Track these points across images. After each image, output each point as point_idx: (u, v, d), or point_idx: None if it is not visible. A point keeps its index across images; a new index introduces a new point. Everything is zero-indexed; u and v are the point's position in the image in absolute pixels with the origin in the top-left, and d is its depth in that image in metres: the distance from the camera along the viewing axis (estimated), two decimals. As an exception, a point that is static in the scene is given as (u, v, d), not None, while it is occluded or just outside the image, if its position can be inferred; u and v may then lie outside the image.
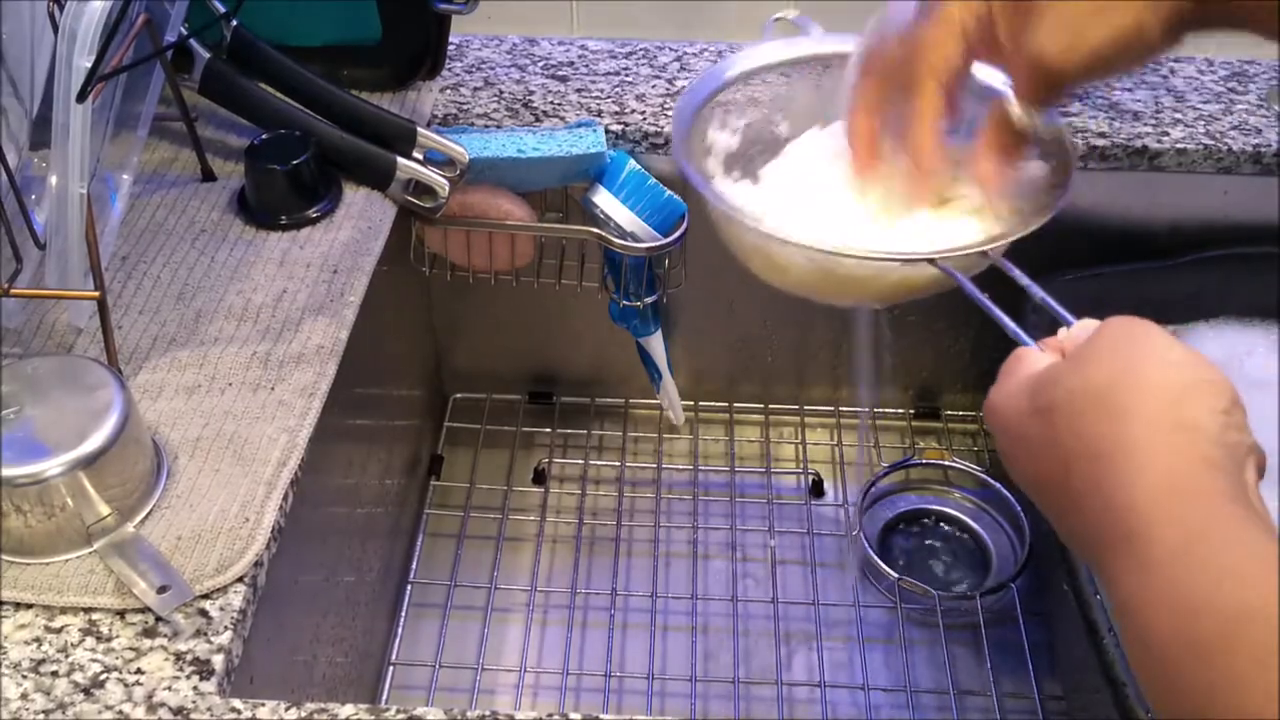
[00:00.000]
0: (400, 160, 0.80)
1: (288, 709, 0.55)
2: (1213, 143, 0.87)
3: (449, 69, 0.94)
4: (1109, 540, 0.42)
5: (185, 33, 0.75)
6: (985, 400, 0.50)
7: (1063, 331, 0.51)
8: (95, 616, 0.57)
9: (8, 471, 0.56)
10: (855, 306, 0.70)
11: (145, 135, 0.76)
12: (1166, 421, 0.42)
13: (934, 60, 0.58)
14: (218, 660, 0.55)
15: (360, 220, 0.79)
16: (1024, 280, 0.57)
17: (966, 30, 0.57)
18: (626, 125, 0.89)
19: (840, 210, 0.63)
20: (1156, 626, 0.39)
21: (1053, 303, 0.55)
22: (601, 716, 0.56)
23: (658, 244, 0.83)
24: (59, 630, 0.57)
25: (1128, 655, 0.42)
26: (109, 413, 0.58)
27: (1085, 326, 0.50)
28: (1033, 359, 0.49)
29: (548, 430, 1.04)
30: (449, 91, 0.92)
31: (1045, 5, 0.55)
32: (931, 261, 0.59)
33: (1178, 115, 0.90)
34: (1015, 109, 0.57)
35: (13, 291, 0.63)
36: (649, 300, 0.89)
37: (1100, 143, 0.87)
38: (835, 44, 0.70)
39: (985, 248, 0.59)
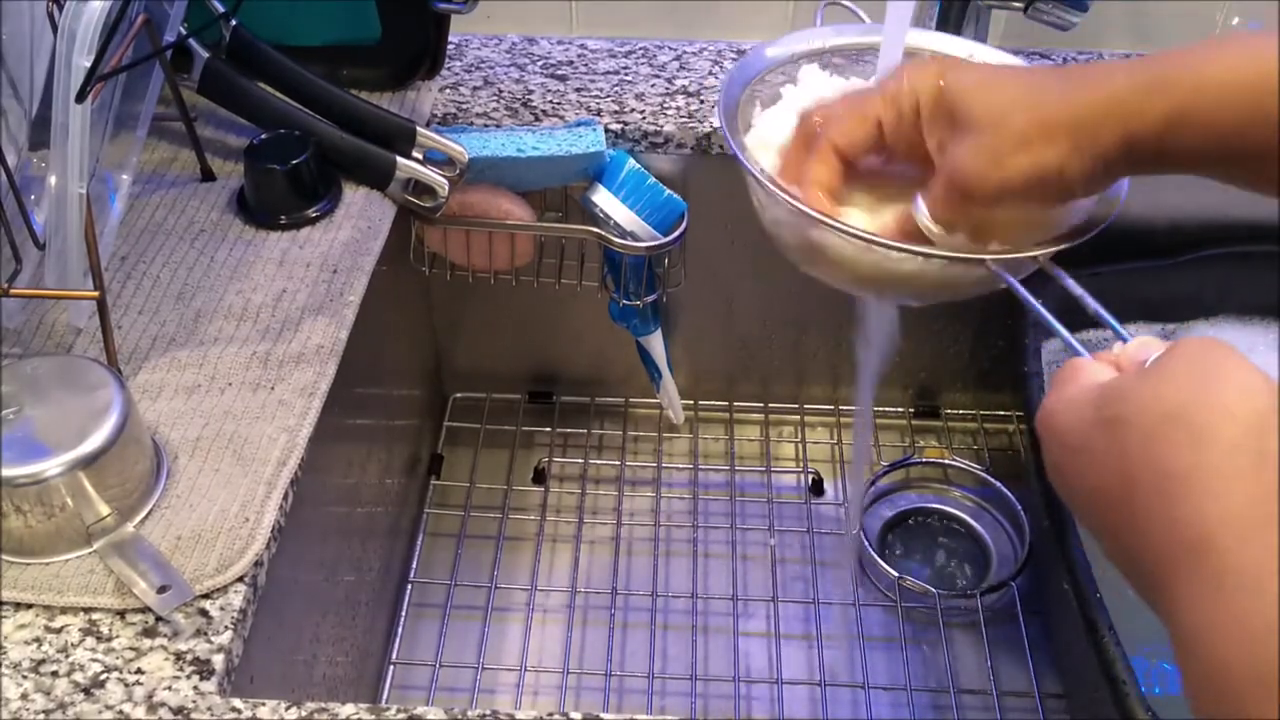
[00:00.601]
0: (400, 160, 0.80)
1: (288, 709, 0.55)
2: (1212, 141, 0.87)
3: (448, 68, 0.94)
4: (1175, 565, 0.41)
5: (184, 32, 0.75)
6: (1040, 409, 0.48)
7: (1118, 346, 0.50)
8: (95, 616, 0.57)
9: (8, 471, 0.56)
10: (892, 301, 0.68)
11: (144, 135, 0.76)
12: (1248, 450, 0.41)
13: (838, 137, 0.60)
14: (218, 660, 0.55)
15: (360, 220, 0.79)
16: (1078, 291, 0.56)
17: (881, 119, 0.58)
18: (626, 124, 0.89)
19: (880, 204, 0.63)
20: (1227, 657, 0.38)
21: (1108, 316, 0.54)
22: (602, 716, 0.56)
23: (657, 243, 0.83)
24: (59, 630, 0.57)
25: (1187, 683, 0.40)
26: (109, 413, 0.58)
27: (1144, 344, 0.48)
28: (1091, 370, 0.48)
29: (548, 430, 1.04)
30: (448, 91, 0.92)
31: (977, 123, 0.55)
32: (984, 263, 0.58)
33: (1177, 114, 0.90)
34: (923, 216, 0.58)
35: (12, 291, 0.63)
36: (649, 299, 0.89)
37: (1100, 141, 0.87)
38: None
39: (1038, 253, 0.58)
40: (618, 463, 1.02)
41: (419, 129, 0.80)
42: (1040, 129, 0.54)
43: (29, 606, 0.57)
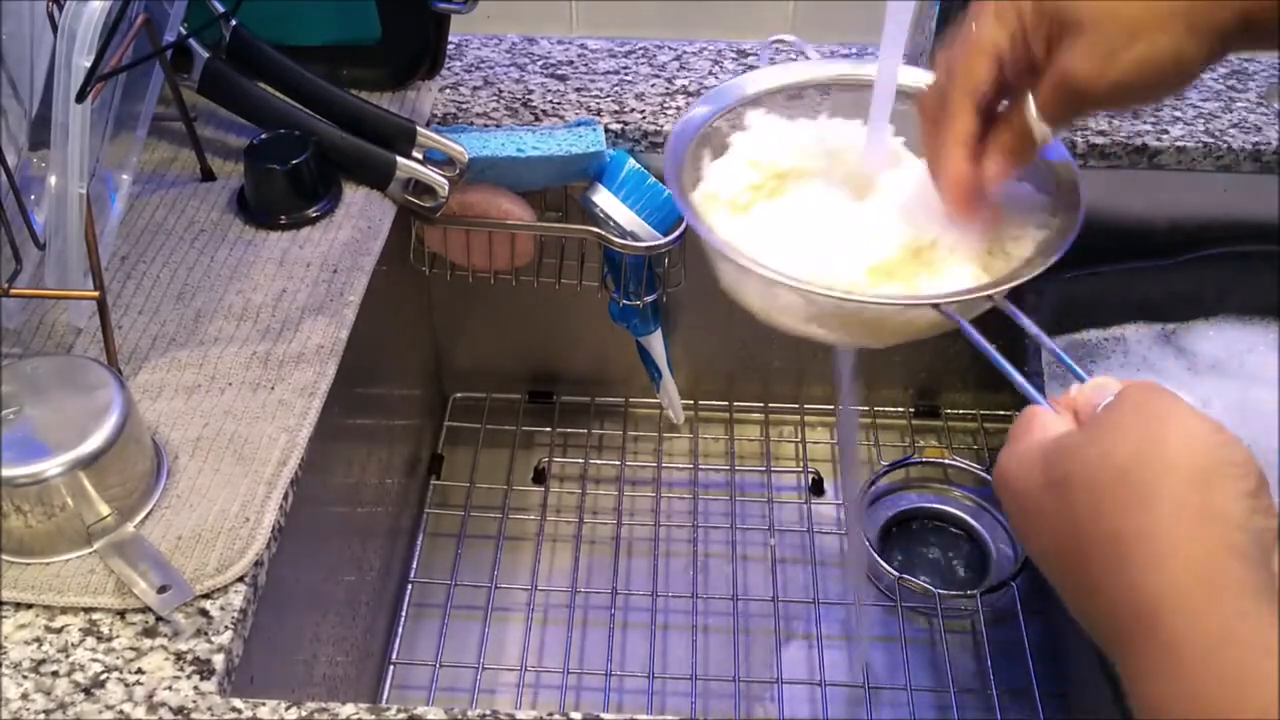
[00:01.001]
0: (400, 160, 0.80)
1: (288, 708, 0.55)
2: (1212, 140, 0.87)
3: (448, 68, 0.94)
4: (1130, 634, 0.40)
5: (184, 32, 0.75)
6: (995, 465, 0.48)
7: (1075, 387, 0.49)
8: (96, 616, 0.57)
9: (8, 471, 0.56)
10: (853, 347, 0.67)
11: (144, 135, 0.76)
12: (1191, 508, 0.40)
13: (964, 83, 0.56)
14: (218, 660, 0.55)
15: (360, 220, 0.79)
16: (1033, 330, 0.54)
17: (999, 48, 0.55)
18: (626, 124, 0.89)
19: (836, 250, 0.61)
20: None
21: (1065, 357, 0.52)
22: (602, 716, 0.56)
23: (657, 243, 0.83)
24: (59, 630, 0.57)
25: None
26: (109, 413, 0.58)
27: (1100, 386, 0.47)
28: (1043, 421, 0.47)
29: (548, 429, 1.04)
30: (448, 91, 0.92)
31: (1082, 22, 0.52)
32: (935, 306, 0.56)
33: (1177, 113, 0.90)
34: (1032, 113, 0.55)
35: (12, 291, 0.63)
36: (649, 299, 0.89)
37: (1100, 140, 0.87)
38: (831, 68, 0.68)
39: (990, 291, 0.56)
40: (618, 463, 1.02)
41: (419, 129, 0.80)
42: (1152, 16, 0.51)
43: (29, 606, 0.57)
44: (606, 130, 0.86)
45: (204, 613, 0.57)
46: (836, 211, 0.62)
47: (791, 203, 0.64)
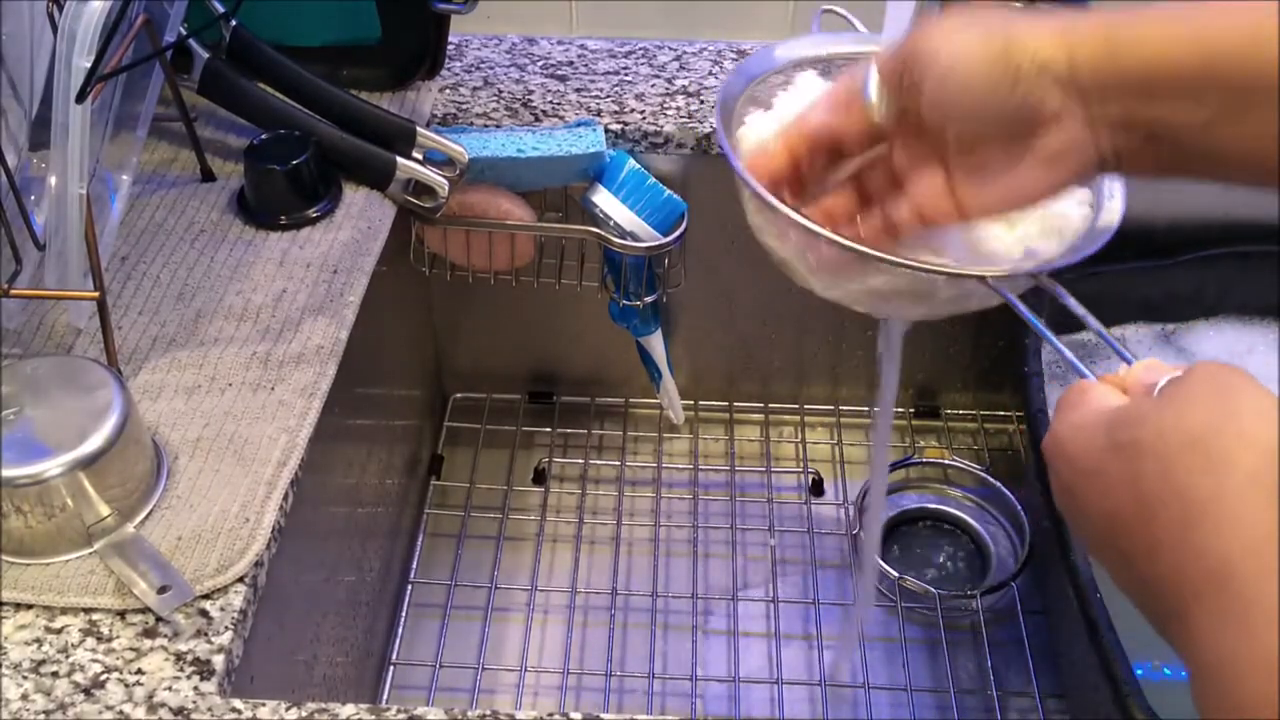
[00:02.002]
0: (400, 160, 0.80)
1: (288, 709, 0.55)
2: (1212, 141, 0.87)
3: (448, 69, 0.94)
4: (1196, 595, 0.40)
5: (184, 33, 0.75)
6: (1049, 433, 0.47)
7: (1122, 368, 0.48)
8: (96, 617, 0.57)
9: (8, 472, 0.56)
10: (891, 319, 0.67)
11: (144, 135, 0.76)
12: (1268, 478, 0.40)
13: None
14: (218, 660, 0.55)
15: (360, 220, 0.79)
16: (1080, 310, 0.54)
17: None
18: (626, 125, 0.89)
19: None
20: (1252, 691, 0.37)
21: (1111, 339, 0.52)
22: (602, 716, 0.56)
23: (657, 243, 0.83)
24: (59, 631, 0.57)
25: (1203, 714, 0.39)
26: (109, 413, 0.58)
27: (1151, 367, 0.47)
28: (1099, 393, 0.47)
29: (548, 430, 1.04)
30: (448, 91, 0.92)
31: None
32: (982, 279, 0.55)
33: (1177, 114, 0.90)
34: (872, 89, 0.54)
35: (12, 292, 0.63)
36: (649, 300, 0.89)
37: (1100, 141, 0.87)
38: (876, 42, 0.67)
39: (1036, 269, 0.56)
40: (618, 463, 1.02)
41: (419, 129, 0.80)
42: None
43: (29, 607, 0.57)
44: (606, 131, 0.86)
45: (204, 613, 0.57)
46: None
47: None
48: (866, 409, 1.04)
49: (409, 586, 0.93)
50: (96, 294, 0.65)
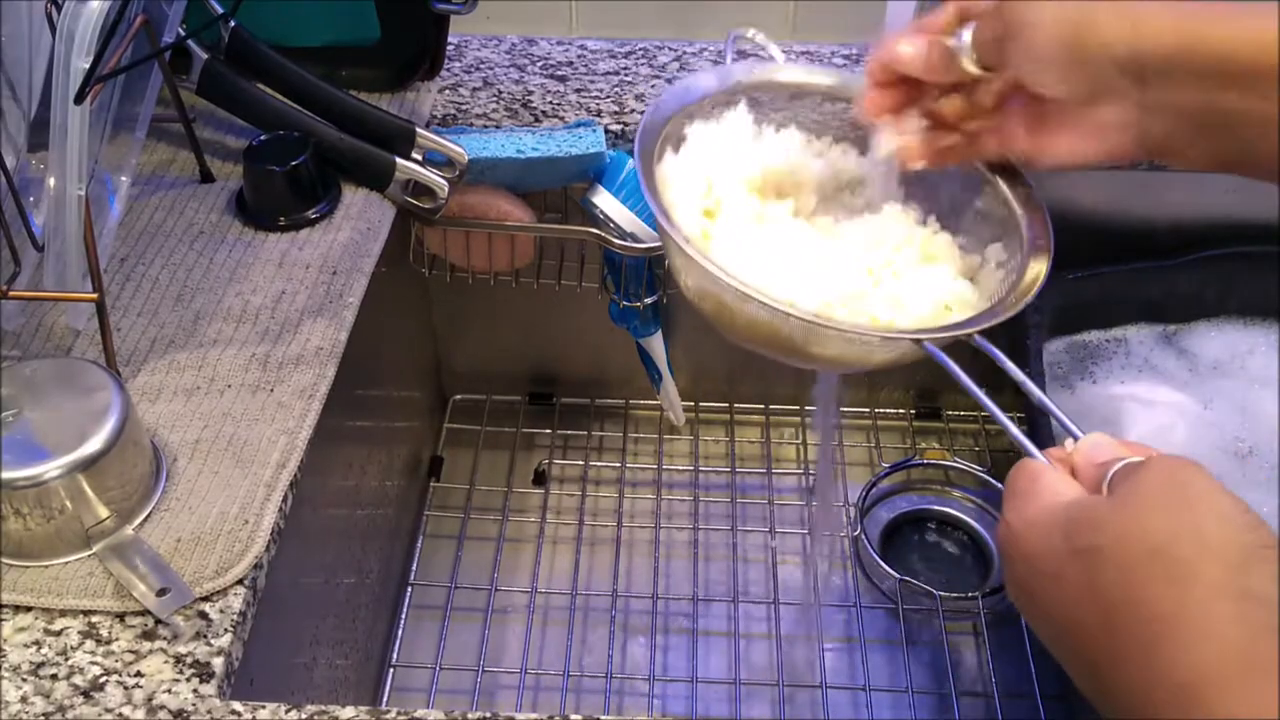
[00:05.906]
0: (399, 161, 0.80)
1: (288, 711, 0.55)
2: (1213, 141, 0.87)
3: (448, 69, 0.94)
4: (1164, 709, 0.40)
5: (183, 33, 0.75)
6: (1002, 524, 0.46)
7: (1069, 443, 0.48)
8: (95, 619, 0.57)
9: (7, 474, 0.56)
10: (820, 371, 0.67)
11: (143, 137, 0.76)
12: (1230, 589, 0.39)
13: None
14: (217, 663, 0.55)
15: (359, 221, 0.78)
16: (1019, 375, 0.53)
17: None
18: (626, 125, 0.89)
19: (800, 269, 0.60)
20: None
21: (1056, 410, 0.51)
22: (602, 718, 0.56)
23: (657, 244, 0.83)
24: (58, 633, 0.56)
25: None
26: (108, 415, 0.58)
27: (1097, 445, 0.47)
28: (1050, 481, 0.46)
29: (548, 431, 1.04)
30: (448, 92, 0.92)
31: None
32: (917, 341, 0.55)
33: (1178, 114, 0.89)
34: (965, 48, 0.56)
35: (11, 294, 0.63)
36: (649, 301, 0.89)
37: (1101, 142, 0.87)
38: (796, 74, 0.68)
39: (971, 329, 0.56)
40: (618, 464, 1.02)
41: (418, 130, 0.80)
42: None
43: (28, 609, 0.57)
44: (606, 131, 0.86)
45: (203, 615, 0.57)
46: (801, 234, 0.62)
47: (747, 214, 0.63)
48: (867, 410, 1.04)
49: (409, 588, 0.92)
50: (95, 295, 0.65)
